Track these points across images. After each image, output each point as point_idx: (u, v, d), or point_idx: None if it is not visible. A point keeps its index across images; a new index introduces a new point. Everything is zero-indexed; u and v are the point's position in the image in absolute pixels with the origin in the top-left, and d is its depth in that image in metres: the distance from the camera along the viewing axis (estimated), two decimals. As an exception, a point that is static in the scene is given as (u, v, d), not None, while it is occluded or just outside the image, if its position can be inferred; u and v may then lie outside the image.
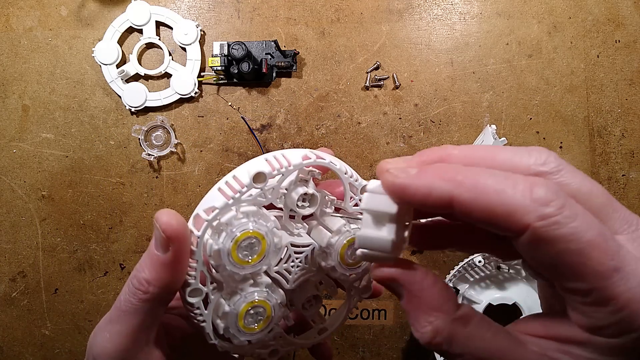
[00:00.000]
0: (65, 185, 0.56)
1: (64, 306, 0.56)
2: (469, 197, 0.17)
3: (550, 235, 0.16)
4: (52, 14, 0.57)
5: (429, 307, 0.19)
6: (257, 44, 0.55)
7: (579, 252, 0.16)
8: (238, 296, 0.23)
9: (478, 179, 0.17)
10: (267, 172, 0.22)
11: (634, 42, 0.55)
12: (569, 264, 0.17)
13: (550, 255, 0.17)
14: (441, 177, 0.18)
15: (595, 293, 0.17)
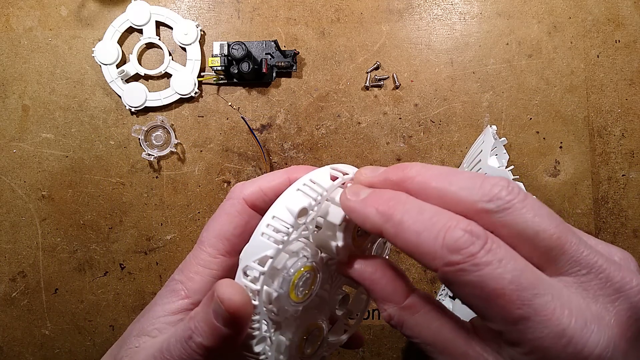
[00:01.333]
0: (65, 185, 0.56)
1: (64, 306, 0.56)
2: (393, 232, 0.19)
3: (457, 280, 0.18)
4: (52, 14, 0.57)
5: (381, 297, 0.22)
6: (257, 44, 0.55)
7: (484, 298, 0.17)
8: (293, 327, 0.24)
9: (404, 216, 0.19)
10: (308, 205, 0.22)
11: (634, 42, 0.55)
12: (477, 306, 0.18)
13: (461, 296, 0.18)
14: (376, 208, 0.20)
15: (505, 335, 0.18)
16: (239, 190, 0.26)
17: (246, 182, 0.27)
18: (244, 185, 0.27)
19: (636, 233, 0.55)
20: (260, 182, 0.26)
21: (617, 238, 0.55)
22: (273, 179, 0.26)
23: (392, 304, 0.22)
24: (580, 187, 0.55)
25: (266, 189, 0.26)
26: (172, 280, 0.26)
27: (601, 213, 0.55)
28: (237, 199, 0.26)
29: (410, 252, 0.19)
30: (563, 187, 0.55)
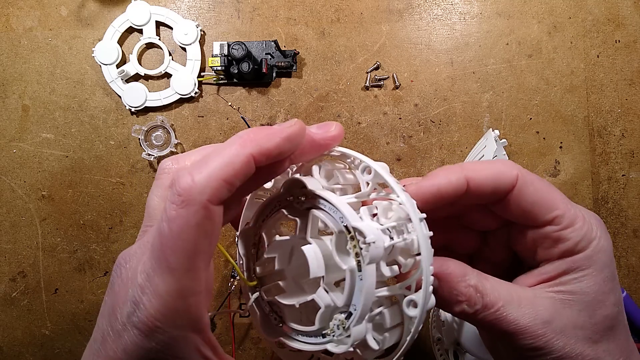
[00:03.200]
0: (65, 185, 0.56)
1: (64, 306, 0.56)
2: (477, 176, 0.26)
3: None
4: (52, 14, 0.57)
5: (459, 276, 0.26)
6: (257, 44, 0.55)
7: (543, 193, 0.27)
8: None
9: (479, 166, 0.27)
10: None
11: (634, 42, 0.55)
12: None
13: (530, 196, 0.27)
14: (451, 171, 0.26)
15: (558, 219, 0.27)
16: (246, 141, 0.23)
17: (194, 168, 0.22)
18: (249, 135, 0.23)
19: (636, 233, 0.55)
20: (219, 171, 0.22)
21: (617, 238, 0.55)
22: (232, 160, 0.22)
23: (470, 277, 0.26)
24: (580, 187, 0.55)
25: (229, 177, 0.22)
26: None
27: (601, 213, 0.55)
28: (244, 149, 0.23)
29: (495, 181, 0.27)
30: (563, 187, 0.55)
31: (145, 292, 0.21)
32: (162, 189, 0.25)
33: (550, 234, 0.27)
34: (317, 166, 0.26)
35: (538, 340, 0.25)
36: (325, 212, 0.24)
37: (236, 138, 0.23)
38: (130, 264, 0.23)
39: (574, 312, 0.26)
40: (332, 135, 0.26)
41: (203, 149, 0.26)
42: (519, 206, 0.27)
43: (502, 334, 0.26)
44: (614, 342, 0.26)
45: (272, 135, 0.23)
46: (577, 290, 0.26)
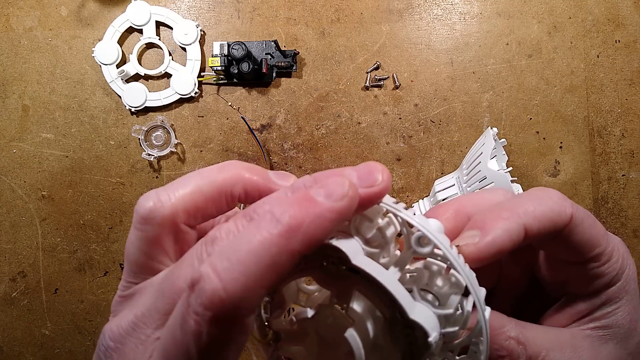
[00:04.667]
0: (65, 185, 0.56)
1: (64, 306, 0.56)
2: (533, 222, 0.22)
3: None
4: (52, 14, 0.57)
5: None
6: (257, 44, 0.55)
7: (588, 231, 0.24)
8: None
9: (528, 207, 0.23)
10: None
11: (634, 42, 0.55)
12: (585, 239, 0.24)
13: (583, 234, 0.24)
14: (509, 220, 0.22)
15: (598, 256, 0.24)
16: (240, 168, 0.22)
17: (223, 270, 0.17)
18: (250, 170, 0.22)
19: (636, 233, 0.55)
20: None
21: (617, 238, 0.55)
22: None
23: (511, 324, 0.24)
24: (580, 187, 0.55)
25: (271, 283, 0.18)
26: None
27: (601, 213, 0.55)
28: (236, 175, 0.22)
29: (551, 222, 0.24)
30: (563, 187, 0.55)
31: None
32: (147, 244, 0.21)
33: (589, 270, 0.25)
34: (354, 226, 0.21)
35: None
36: (369, 289, 0.20)
37: (276, 223, 0.17)
38: (126, 354, 0.20)
39: (611, 347, 0.25)
40: (380, 189, 0.20)
41: (190, 179, 0.22)
42: (567, 246, 0.24)
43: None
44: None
45: (321, 217, 0.18)
46: (613, 324, 0.25)
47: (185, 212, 0.21)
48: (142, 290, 0.21)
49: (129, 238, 0.21)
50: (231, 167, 0.22)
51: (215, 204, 0.22)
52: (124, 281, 0.22)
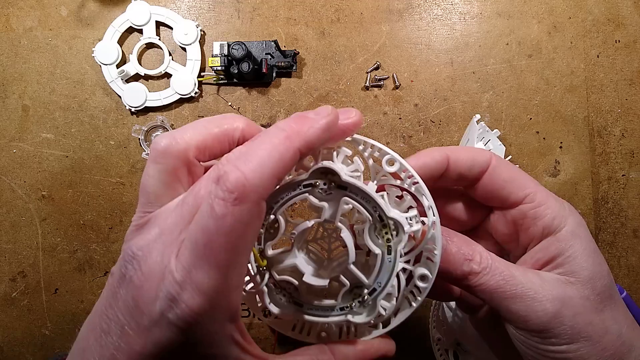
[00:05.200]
0: (65, 185, 0.56)
1: (64, 306, 0.56)
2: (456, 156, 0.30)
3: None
4: (52, 14, 0.57)
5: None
6: (257, 44, 0.55)
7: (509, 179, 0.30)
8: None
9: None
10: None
11: (634, 42, 0.55)
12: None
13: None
14: (434, 150, 0.30)
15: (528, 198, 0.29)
16: (241, 119, 0.27)
17: (241, 163, 0.22)
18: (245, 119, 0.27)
19: (636, 233, 0.55)
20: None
21: (617, 238, 0.55)
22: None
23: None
24: (580, 187, 0.55)
25: (280, 173, 0.24)
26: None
27: (601, 213, 0.55)
28: (238, 123, 0.27)
29: (471, 163, 0.31)
30: (563, 187, 0.55)
31: (186, 288, 0.21)
32: (165, 174, 0.25)
33: (527, 212, 0.29)
34: (336, 152, 0.28)
35: (549, 307, 0.26)
36: (357, 200, 0.27)
37: (280, 131, 0.23)
38: (152, 257, 0.23)
39: (579, 288, 0.27)
40: (354, 122, 0.27)
41: (198, 123, 0.26)
42: (493, 185, 0.30)
43: (509, 300, 0.26)
44: (616, 309, 0.27)
45: (313, 126, 0.23)
46: (577, 269, 0.27)
47: (196, 148, 0.25)
48: (160, 214, 0.24)
49: (147, 172, 0.25)
50: (232, 116, 0.26)
51: (220, 143, 0.26)
52: (139, 212, 0.25)
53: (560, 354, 0.26)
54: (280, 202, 0.27)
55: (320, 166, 0.27)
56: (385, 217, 0.27)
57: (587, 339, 0.26)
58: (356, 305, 0.28)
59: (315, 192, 0.27)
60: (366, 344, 0.29)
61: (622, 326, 0.27)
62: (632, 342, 0.27)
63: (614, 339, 0.26)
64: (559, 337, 0.26)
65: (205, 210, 0.21)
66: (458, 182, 0.32)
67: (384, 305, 0.28)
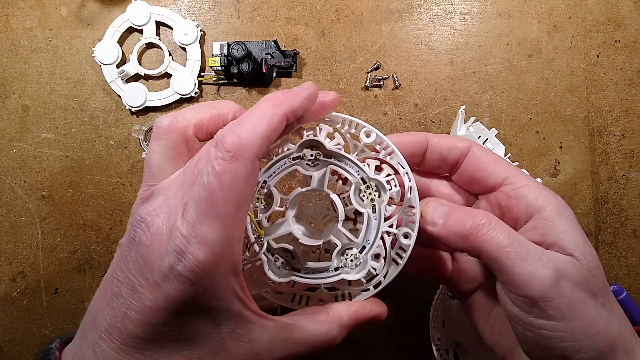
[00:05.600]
0: (65, 185, 0.56)
1: (64, 306, 0.56)
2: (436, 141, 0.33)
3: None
4: (52, 14, 0.57)
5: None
6: (257, 44, 0.55)
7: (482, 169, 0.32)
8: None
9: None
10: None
11: (634, 42, 0.55)
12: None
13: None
14: (416, 132, 0.34)
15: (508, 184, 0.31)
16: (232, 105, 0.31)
17: (236, 127, 0.26)
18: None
19: (636, 233, 0.55)
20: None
21: (617, 238, 0.55)
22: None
23: None
24: (580, 187, 0.55)
25: (270, 134, 0.27)
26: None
27: (601, 213, 0.55)
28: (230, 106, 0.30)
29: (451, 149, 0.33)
30: (563, 187, 0.55)
31: (192, 241, 0.23)
32: (168, 149, 0.27)
33: (508, 192, 0.30)
34: (318, 129, 0.32)
35: (553, 271, 0.26)
36: (341, 166, 0.31)
37: (268, 100, 0.26)
38: (160, 219, 0.25)
39: (576, 264, 0.27)
40: (331, 99, 0.30)
41: (196, 105, 0.29)
42: (474, 168, 0.32)
43: (512, 261, 0.26)
44: (610, 300, 0.27)
45: (297, 96, 0.27)
46: (570, 246, 0.27)
47: (195, 125, 0.28)
48: (163, 185, 0.27)
49: (151, 148, 0.28)
50: (226, 101, 0.30)
51: (215, 122, 0.29)
52: (143, 187, 0.28)
53: (556, 332, 0.26)
54: (273, 176, 0.31)
55: (306, 139, 0.30)
56: (367, 179, 0.31)
57: (582, 318, 0.25)
58: (349, 264, 0.31)
59: (303, 163, 0.31)
60: (360, 305, 0.32)
61: (614, 313, 0.27)
62: (621, 333, 0.27)
63: (607, 324, 0.26)
64: (556, 310, 0.25)
65: (206, 170, 0.23)
66: (440, 166, 0.34)
67: (373, 265, 0.31)
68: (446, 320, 0.50)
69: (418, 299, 0.53)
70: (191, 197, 0.24)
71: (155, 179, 0.27)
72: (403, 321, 0.54)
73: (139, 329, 0.24)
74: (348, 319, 0.30)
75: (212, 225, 0.23)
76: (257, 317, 0.27)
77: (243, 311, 0.26)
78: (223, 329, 0.25)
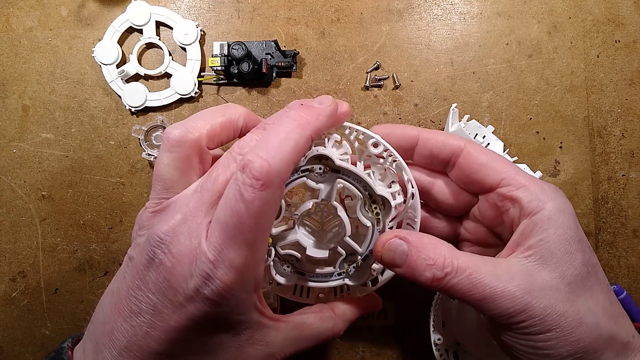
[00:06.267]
0: (65, 185, 0.56)
1: (64, 306, 0.56)
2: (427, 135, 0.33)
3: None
4: (52, 14, 0.57)
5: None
6: (257, 44, 0.55)
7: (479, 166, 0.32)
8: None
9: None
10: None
11: (634, 42, 0.55)
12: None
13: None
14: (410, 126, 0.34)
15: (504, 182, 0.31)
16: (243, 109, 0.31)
17: (263, 151, 0.27)
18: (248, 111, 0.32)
19: (636, 233, 0.55)
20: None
21: (617, 238, 0.55)
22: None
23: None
24: (580, 187, 0.55)
25: (297, 160, 0.29)
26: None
27: (601, 213, 0.55)
28: (239, 111, 0.31)
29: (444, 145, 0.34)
30: (563, 187, 0.55)
31: (219, 266, 0.23)
32: (179, 162, 0.27)
33: (504, 194, 0.30)
34: (327, 138, 0.32)
35: (517, 303, 0.26)
36: (349, 181, 0.31)
37: (292, 120, 0.26)
38: (180, 240, 0.25)
39: (547, 275, 0.27)
40: (344, 112, 0.31)
41: (205, 113, 0.29)
42: (469, 168, 0.31)
43: (479, 302, 0.27)
44: (593, 300, 0.27)
45: (320, 115, 0.27)
46: (545, 253, 0.27)
47: (207, 136, 0.28)
48: (179, 200, 0.27)
49: (161, 161, 0.27)
50: (234, 105, 0.30)
51: (226, 131, 0.29)
52: (154, 199, 0.27)
53: (533, 342, 0.27)
54: None
55: (315, 153, 0.31)
56: (374, 194, 0.31)
57: (558, 330, 0.26)
58: (351, 270, 0.33)
59: (312, 175, 0.31)
60: (359, 300, 0.34)
61: (599, 318, 0.27)
62: (612, 335, 0.27)
63: (589, 330, 0.26)
64: (529, 328, 0.26)
65: (233, 196, 0.23)
66: (432, 163, 0.34)
67: (374, 268, 0.33)
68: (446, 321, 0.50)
69: (418, 299, 0.53)
70: (216, 220, 0.24)
71: (167, 192, 0.27)
72: (403, 321, 0.54)
73: (161, 347, 0.24)
74: (351, 314, 0.33)
75: (239, 251, 0.23)
76: (272, 322, 0.28)
77: (261, 319, 0.27)
78: (242, 337, 0.26)
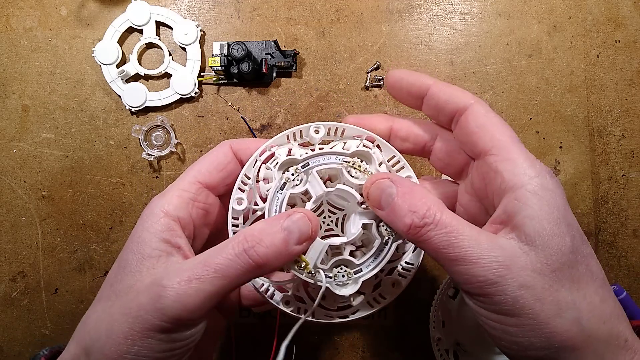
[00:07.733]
0: (65, 185, 0.56)
1: (64, 306, 0.56)
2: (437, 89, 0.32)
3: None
4: (52, 14, 0.57)
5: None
6: (257, 44, 0.55)
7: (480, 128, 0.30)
8: None
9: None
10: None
11: (634, 42, 0.55)
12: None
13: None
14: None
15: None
16: (228, 141, 0.35)
17: (235, 139, 0.35)
18: (233, 140, 0.35)
19: (636, 233, 0.55)
20: (248, 142, 0.35)
21: (617, 238, 0.55)
22: (256, 144, 0.35)
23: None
24: (580, 187, 0.55)
25: (251, 145, 0.35)
26: (150, 204, 0.31)
27: (601, 213, 0.55)
28: (225, 144, 0.34)
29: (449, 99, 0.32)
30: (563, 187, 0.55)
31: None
32: (161, 242, 0.30)
33: (490, 163, 0.28)
34: (278, 153, 0.34)
35: (490, 273, 0.24)
36: (323, 164, 0.33)
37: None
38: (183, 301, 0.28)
39: (532, 256, 0.25)
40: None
41: (178, 187, 0.32)
42: (467, 127, 0.30)
43: (451, 261, 0.25)
44: (578, 293, 0.25)
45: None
46: (531, 233, 0.25)
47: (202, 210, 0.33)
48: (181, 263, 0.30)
49: (143, 235, 0.30)
50: (223, 150, 0.34)
51: (229, 179, 0.34)
52: (145, 265, 0.30)
53: (499, 323, 0.25)
54: (276, 206, 0.33)
55: (280, 163, 0.33)
56: (348, 156, 0.33)
57: (532, 317, 0.24)
58: (339, 278, 0.32)
59: (291, 186, 0.33)
60: None
61: (582, 314, 0.24)
62: (597, 335, 0.24)
63: (567, 325, 0.24)
64: (499, 305, 0.24)
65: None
66: (437, 116, 0.33)
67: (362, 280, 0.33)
68: (446, 320, 0.50)
69: (418, 299, 0.53)
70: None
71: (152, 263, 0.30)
72: (403, 321, 0.54)
73: None
74: None
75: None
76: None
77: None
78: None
